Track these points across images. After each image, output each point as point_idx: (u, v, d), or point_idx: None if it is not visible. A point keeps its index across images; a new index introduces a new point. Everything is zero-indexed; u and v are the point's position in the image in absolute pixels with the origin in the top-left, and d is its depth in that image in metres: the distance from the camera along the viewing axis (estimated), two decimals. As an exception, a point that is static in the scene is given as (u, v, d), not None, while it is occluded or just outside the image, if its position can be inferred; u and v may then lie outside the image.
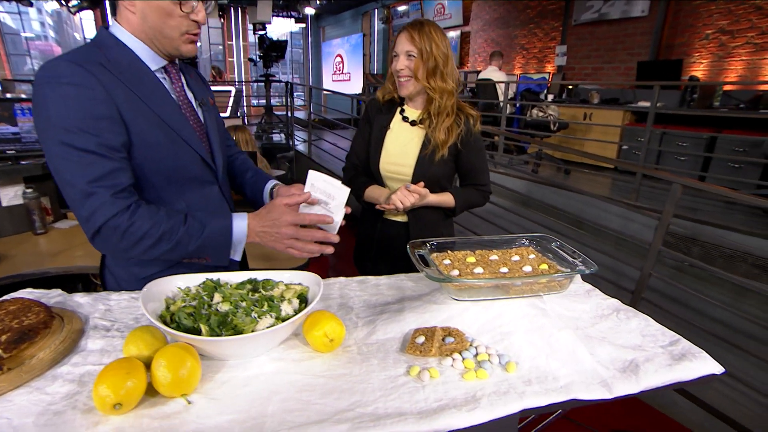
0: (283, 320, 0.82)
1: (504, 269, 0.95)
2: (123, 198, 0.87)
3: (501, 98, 4.82)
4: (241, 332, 0.78)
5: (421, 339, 0.85)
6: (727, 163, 3.91)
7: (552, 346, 0.83)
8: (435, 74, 1.31)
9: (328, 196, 0.99)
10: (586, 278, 1.15)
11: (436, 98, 1.33)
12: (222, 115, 6.12)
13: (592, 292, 1.10)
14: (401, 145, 1.42)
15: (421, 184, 1.31)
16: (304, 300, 0.90)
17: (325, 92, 8.90)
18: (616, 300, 1.06)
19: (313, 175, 1.00)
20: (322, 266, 2.42)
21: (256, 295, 0.89)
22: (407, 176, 1.40)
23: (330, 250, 0.96)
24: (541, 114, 4.52)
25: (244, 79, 9.57)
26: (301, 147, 6.02)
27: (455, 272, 0.94)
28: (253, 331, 0.79)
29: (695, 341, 0.88)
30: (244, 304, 0.85)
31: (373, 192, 1.43)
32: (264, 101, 7.20)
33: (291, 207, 0.95)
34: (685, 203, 3.65)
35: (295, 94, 10.77)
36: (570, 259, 0.96)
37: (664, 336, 0.90)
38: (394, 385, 0.76)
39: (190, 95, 1.03)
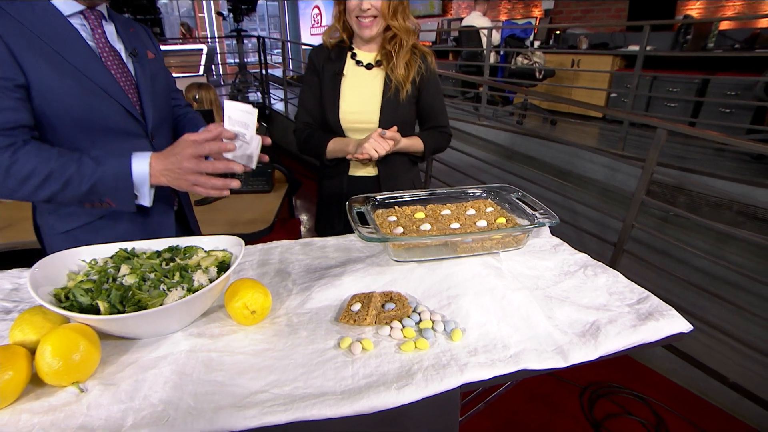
0: (196, 291, 0.71)
1: (455, 225, 0.84)
2: (6, 136, 0.81)
3: (485, 46, 4.55)
4: (144, 307, 0.67)
5: (357, 306, 0.75)
6: (718, 108, 3.76)
7: (504, 310, 0.74)
8: (397, 12, 1.21)
9: (244, 126, 0.89)
10: (563, 232, 1.05)
11: (402, 36, 1.23)
12: (194, 74, 5.80)
13: (560, 247, 1.00)
14: (361, 92, 1.28)
15: (395, 128, 1.18)
16: (225, 268, 0.79)
17: (303, 48, 8.44)
18: (585, 255, 0.96)
19: (229, 106, 0.90)
20: (292, 230, 2.28)
21: (171, 264, 0.78)
22: (373, 124, 1.28)
23: (236, 183, 0.86)
24: (526, 62, 4.28)
25: (216, 37, 9.01)
26: (278, 106, 5.75)
27: (399, 230, 0.83)
28: (161, 305, 0.69)
29: (676, 291, 0.81)
30: (153, 275, 0.74)
31: (337, 145, 1.28)
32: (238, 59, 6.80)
33: (198, 143, 0.84)
34: (674, 152, 3.53)
35: (275, 51, 10.23)
36: (530, 211, 0.85)
37: (632, 293, 0.81)
38: (320, 360, 0.67)
39: (118, 46, 0.96)
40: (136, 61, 0.98)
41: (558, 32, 5.30)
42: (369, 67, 1.29)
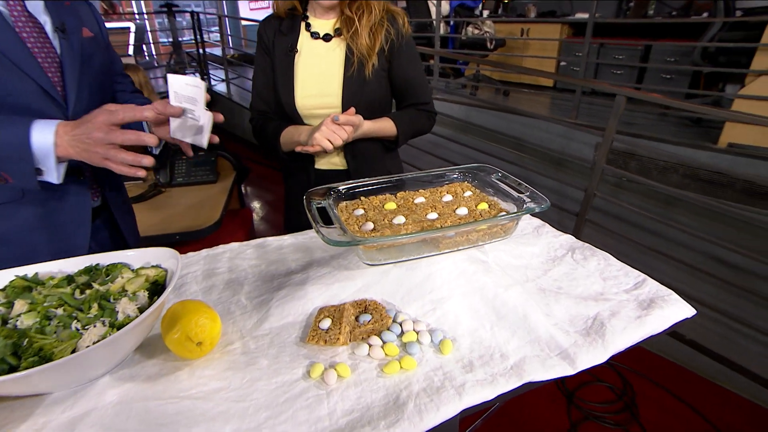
0: (121, 327, 0.56)
1: (433, 215, 0.73)
2: None
3: (434, 16, 4.41)
4: (49, 358, 0.52)
5: (327, 322, 0.63)
6: (660, 74, 3.88)
7: (498, 312, 0.64)
8: None
9: (192, 101, 0.81)
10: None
11: (372, 4, 1.05)
12: (122, 55, 5.24)
13: (542, 228, 0.92)
14: (318, 69, 1.08)
15: (352, 110, 0.99)
16: (160, 290, 0.64)
17: (243, 24, 7.86)
18: (569, 236, 0.89)
19: (174, 80, 0.81)
20: (244, 221, 2.06)
21: (87, 292, 0.61)
22: (335, 108, 1.09)
23: (148, 160, 0.75)
24: (476, 32, 4.19)
25: (145, 12, 8.20)
26: (220, 87, 5.34)
27: (369, 226, 0.70)
28: (74, 351, 0.53)
29: (633, 255, 0.77)
30: (60, 311, 0.58)
31: (290, 135, 1.08)
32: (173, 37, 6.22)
33: (112, 111, 0.73)
34: (623, 118, 3.61)
35: (212, 28, 9.48)
36: (515, 194, 0.76)
37: (627, 277, 0.75)
38: (287, 396, 0.54)
39: (43, 18, 0.85)
40: (63, 38, 0.86)
41: (506, 0, 5.24)
42: (327, 38, 1.08)
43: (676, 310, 0.66)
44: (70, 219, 0.92)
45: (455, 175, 0.87)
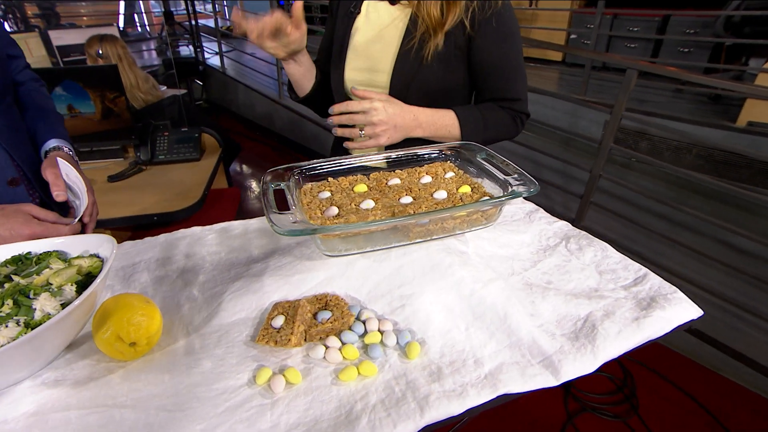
0: (36, 326, 0.49)
1: (406, 199, 0.65)
2: None
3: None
4: (-50, 360, 0.45)
5: (280, 320, 0.56)
6: (677, 48, 3.68)
7: (474, 311, 0.57)
8: None
9: (74, 183, 0.84)
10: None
11: None
12: (111, 24, 5.10)
13: (535, 214, 0.83)
14: (375, 38, 0.88)
15: (367, 92, 0.79)
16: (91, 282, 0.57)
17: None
18: (565, 223, 0.80)
19: (63, 165, 0.84)
20: (229, 202, 1.95)
21: (6, 286, 0.54)
22: (383, 88, 0.88)
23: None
24: (484, 2, 3.99)
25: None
26: (213, 60, 5.18)
27: (333, 210, 0.62)
28: (-18, 353, 0.47)
29: (640, 240, 0.69)
30: (-32, 307, 0.51)
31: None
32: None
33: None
34: (634, 94, 3.45)
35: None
36: (501, 176, 0.67)
37: (626, 271, 0.66)
38: (228, 406, 0.48)
39: None
40: None
41: (515, -31, 4.98)
42: (393, 0, 0.87)
43: (680, 310, 0.57)
44: None
45: (437, 154, 0.78)
